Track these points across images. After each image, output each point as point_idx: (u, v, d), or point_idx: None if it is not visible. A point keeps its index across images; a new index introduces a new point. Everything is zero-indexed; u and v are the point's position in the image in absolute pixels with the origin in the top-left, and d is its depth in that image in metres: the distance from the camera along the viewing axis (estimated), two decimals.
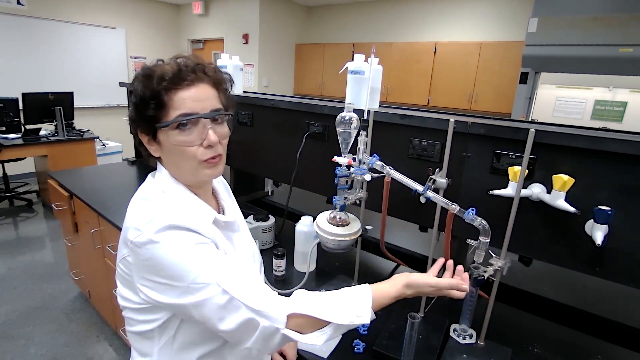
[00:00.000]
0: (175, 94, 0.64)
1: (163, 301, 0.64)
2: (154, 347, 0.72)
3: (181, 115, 0.64)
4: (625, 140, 0.83)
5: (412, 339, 0.88)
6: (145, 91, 0.64)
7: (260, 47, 5.46)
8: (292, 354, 0.98)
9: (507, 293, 1.27)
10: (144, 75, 0.65)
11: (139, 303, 0.69)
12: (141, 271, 0.65)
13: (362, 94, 1.21)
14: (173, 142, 0.66)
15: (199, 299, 0.61)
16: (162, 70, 0.65)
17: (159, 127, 0.65)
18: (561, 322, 1.15)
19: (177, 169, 0.71)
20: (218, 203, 0.84)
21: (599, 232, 0.84)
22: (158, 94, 0.64)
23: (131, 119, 0.69)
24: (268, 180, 2.20)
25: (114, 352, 2.13)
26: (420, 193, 0.89)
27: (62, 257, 3.08)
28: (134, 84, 0.67)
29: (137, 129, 0.69)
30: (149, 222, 0.63)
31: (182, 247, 0.62)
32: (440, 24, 4.86)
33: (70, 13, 5.15)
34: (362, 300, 0.68)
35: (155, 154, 0.71)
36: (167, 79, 0.64)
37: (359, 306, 0.67)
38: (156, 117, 0.65)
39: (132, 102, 0.68)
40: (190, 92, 0.65)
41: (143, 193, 0.71)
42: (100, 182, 2.27)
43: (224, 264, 0.65)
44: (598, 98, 3.36)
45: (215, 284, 0.62)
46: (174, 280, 0.62)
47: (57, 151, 3.85)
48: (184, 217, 0.65)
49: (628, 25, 2.93)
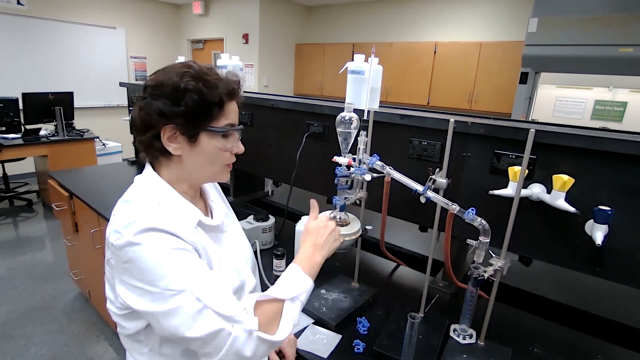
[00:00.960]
0: (229, 104, 0.72)
1: (137, 307, 0.63)
2: (144, 349, 0.72)
3: (229, 124, 0.73)
4: (625, 140, 0.83)
5: (412, 339, 0.88)
6: (211, 96, 0.69)
7: (260, 47, 5.46)
8: (291, 353, 0.98)
9: (507, 293, 1.27)
10: (207, 81, 0.69)
11: (119, 308, 0.70)
12: (120, 273, 0.65)
13: (362, 94, 1.21)
14: (216, 146, 0.72)
15: (171, 307, 0.61)
16: (222, 81, 0.71)
17: (210, 130, 0.70)
18: (561, 322, 1.15)
19: (195, 169, 0.74)
20: (206, 204, 0.85)
21: (599, 232, 0.84)
22: (222, 101, 0.70)
23: (164, 113, 0.68)
24: (268, 180, 2.20)
25: (114, 352, 2.13)
26: (420, 193, 0.89)
27: (62, 257, 3.08)
28: (193, 85, 0.67)
29: (168, 123, 0.68)
30: (129, 225, 0.63)
31: (159, 251, 0.62)
32: (440, 24, 4.86)
33: (70, 13, 5.16)
34: (294, 271, 0.75)
35: (175, 152, 0.71)
36: (230, 89, 0.72)
37: (294, 277, 0.74)
38: (212, 120, 0.70)
39: (186, 100, 0.67)
40: (235, 106, 0.74)
41: (128, 195, 0.71)
42: (100, 182, 2.27)
43: (199, 272, 0.65)
44: (598, 98, 3.36)
45: (189, 292, 0.61)
46: (149, 284, 0.62)
47: (57, 151, 3.85)
48: (165, 219, 0.65)
49: (628, 25, 2.93)
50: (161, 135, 0.69)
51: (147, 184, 0.73)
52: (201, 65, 0.72)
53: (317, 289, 1.25)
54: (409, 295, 1.28)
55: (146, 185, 0.73)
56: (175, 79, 0.68)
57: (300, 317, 1.11)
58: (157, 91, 0.69)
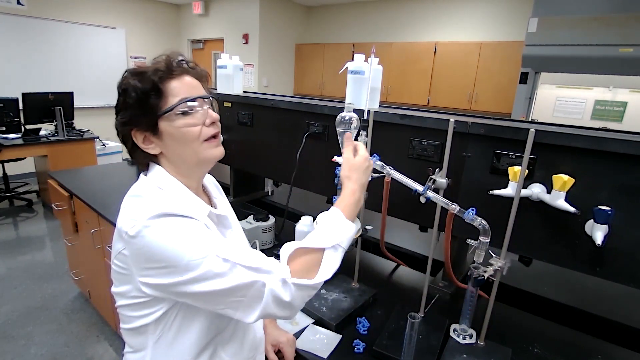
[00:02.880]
0: (170, 82, 0.69)
1: (169, 283, 0.63)
2: (148, 342, 0.72)
3: (181, 100, 0.69)
4: (625, 140, 0.83)
5: (412, 339, 0.88)
6: (143, 84, 0.67)
7: (260, 47, 5.46)
8: (290, 352, 0.98)
9: (507, 293, 1.27)
10: (136, 73, 0.69)
11: (135, 297, 0.69)
12: (139, 261, 0.65)
13: (362, 94, 1.21)
14: (178, 126, 0.69)
15: (201, 272, 0.62)
16: (153, 65, 0.70)
17: (162, 114, 0.68)
18: (561, 322, 1.15)
19: (179, 159, 0.73)
20: (210, 200, 0.86)
21: (599, 232, 0.84)
22: (156, 84, 0.68)
23: (124, 121, 0.70)
24: (268, 180, 2.20)
25: (114, 352, 2.13)
26: (420, 193, 0.89)
27: (62, 257, 3.08)
28: (126, 82, 0.69)
29: (132, 129, 0.70)
30: (142, 213, 0.64)
31: (175, 230, 0.63)
32: (440, 24, 4.86)
33: (70, 13, 5.16)
34: (337, 218, 0.74)
35: (153, 152, 0.72)
36: (161, 70, 0.69)
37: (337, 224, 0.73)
38: (158, 106, 0.68)
39: (128, 100, 0.68)
40: (182, 81, 0.71)
41: (136, 190, 0.72)
42: (100, 182, 2.27)
43: (218, 239, 0.67)
44: (598, 98, 3.36)
45: (213, 255, 0.63)
46: (172, 261, 0.62)
47: (57, 151, 3.85)
48: (178, 206, 0.66)
49: (628, 25, 2.93)
50: (136, 142, 0.72)
51: (154, 178, 0.73)
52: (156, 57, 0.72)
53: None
54: (409, 295, 1.28)
55: (153, 179, 0.73)
56: (118, 87, 0.71)
57: (300, 317, 1.11)
58: (115, 108, 0.73)
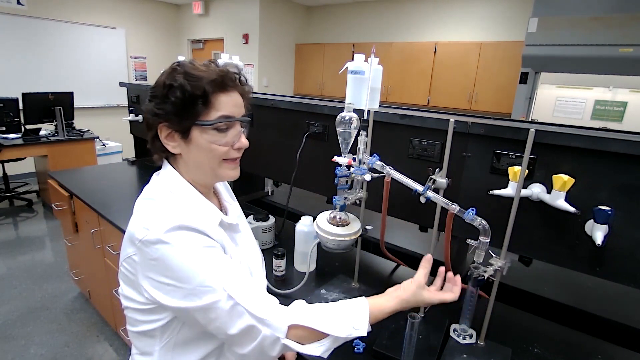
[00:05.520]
0: (219, 96, 0.69)
1: (166, 303, 0.64)
2: (155, 346, 0.72)
3: (223, 116, 0.69)
4: (625, 140, 0.83)
5: (412, 339, 0.88)
6: (194, 89, 0.66)
7: (260, 47, 5.46)
8: (291, 353, 0.98)
9: (507, 293, 1.27)
10: (191, 75, 0.68)
11: (142, 303, 0.69)
12: (147, 270, 0.65)
13: (362, 94, 1.21)
14: (208, 140, 0.69)
15: (205, 303, 0.62)
16: (210, 72, 0.68)
17: (199, 124, 0.68)
18: (561, 322, 1.15)
19: (196, 165, 0.73)
20: (221, 204, 0.85)
21: (599, 232, 0.84)
22: (207, 93, 0.67)
23: (158, 113, 0.69)
24: (268, 180, 2.20)
25: (114, 352, 2.13)
26: (420, 193, 0.89)
27: (62, 257, 3.08)
28: (176, 80, 0.67)
29: (162, 122, 0.69)
30: (157, 221, 0.64)
31: (191, 250, 0.63)
32: (440, 24, 4.86)
33: (70, 13, 5.15)
34: (360, 313, 0.71)
35: (173, 150, 0.72)
36: (216, 81, 0.68)
37: (356, 319, 0.70)
38: (199, 114, 0.68)
39: (170, 96, 0.67)
40: (230, 97, 0.71)
41: (149, 193, 0.72)
42: (100, 182, 2.27)
43: (231, 269, 0.66)
44: (598, 98, 3.36)
45: (221, 289, 0.63)
46: (181, 282, 0.62)
47: (57, 151, 3.85)
48: (194, 218, 0.66)
49: (628, 25, 2.93)
50: (159, 134, 0.71)
51: (166, 181, 0.73)
52: (194, 61, 0.71)
53: (317, 288, 1.25)
54: None
55: (165, 182, 0.73)
56: (163, 78, 0.69)
57: None
58: (152, 92, 0.71)
